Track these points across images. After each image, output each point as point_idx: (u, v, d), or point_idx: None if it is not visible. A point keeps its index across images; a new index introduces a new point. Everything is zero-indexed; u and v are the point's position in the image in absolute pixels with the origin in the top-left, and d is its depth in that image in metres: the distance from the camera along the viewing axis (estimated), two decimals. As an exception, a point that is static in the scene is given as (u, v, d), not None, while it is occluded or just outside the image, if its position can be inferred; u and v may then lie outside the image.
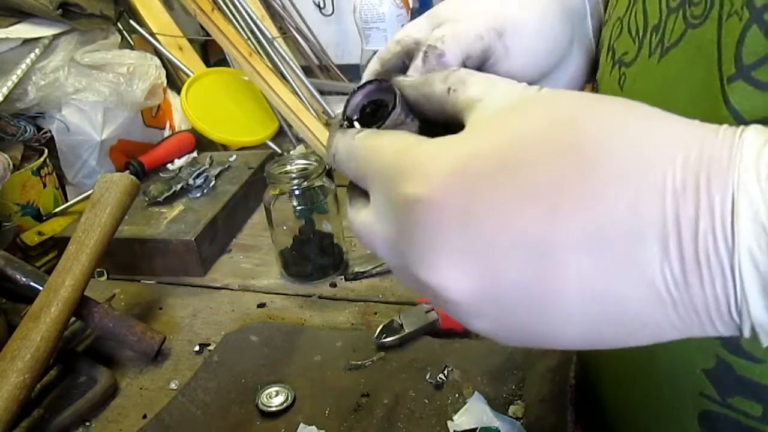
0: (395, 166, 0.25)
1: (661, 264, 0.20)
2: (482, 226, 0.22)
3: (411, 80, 0.29)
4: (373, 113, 0.29)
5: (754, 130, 0.20)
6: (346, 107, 0.30)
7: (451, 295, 0.23)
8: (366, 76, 0.35)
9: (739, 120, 0.26)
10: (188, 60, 1.15)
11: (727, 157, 0.20)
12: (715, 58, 0.27)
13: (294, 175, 0.71)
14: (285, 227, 0.73)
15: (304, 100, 1.14)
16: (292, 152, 1.04)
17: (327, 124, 1.12)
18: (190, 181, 0.87)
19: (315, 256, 0.73)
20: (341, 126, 0.30)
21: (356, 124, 0.30)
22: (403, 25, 0.54)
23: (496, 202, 0.22)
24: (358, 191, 0.29)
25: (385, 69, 0.35)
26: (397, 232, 0.25)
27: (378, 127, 0.28)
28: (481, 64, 0.34)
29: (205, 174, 0.88)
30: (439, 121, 0.28)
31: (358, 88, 0.30)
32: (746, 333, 0.20)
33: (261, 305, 0.70)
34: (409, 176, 0.24)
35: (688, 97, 0.29)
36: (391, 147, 0.26)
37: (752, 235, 0.19)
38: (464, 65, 0.33)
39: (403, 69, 0.35)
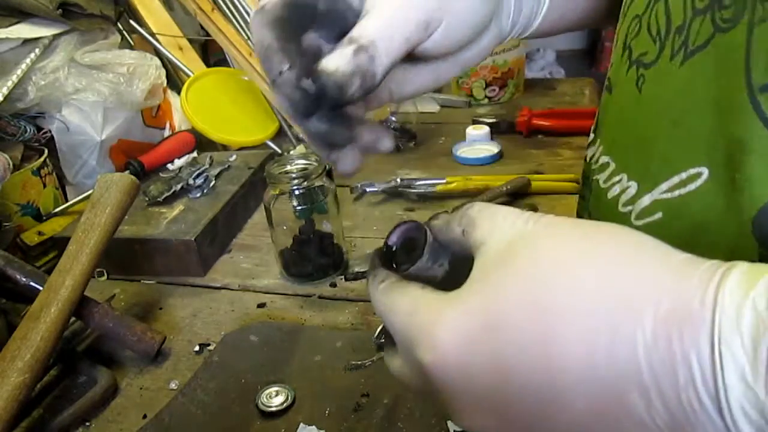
0: (407, 331, 0.28)
1: (648, 411, 0.21)
2: (482, 380, 0.25)
3: (437, 224, 0.32)
4: (409, 250, 0.33)
5: (741, 271, 0.20)
6: (386, 242, 0.33)
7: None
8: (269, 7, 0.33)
9: None
10: (188, 60, 1.15)
11: (699, 309, 0.20)
12: (743, 66, 0.26)
13: (294, 175, 0.71)
14: (285, 227, 0.73)
15: (304, 100, 1.13)
16: (292, 152, 1.04)
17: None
18: (190, 181, 0.87)
19: (315, 256, 0.73)
20: (381, 252, 0.34)
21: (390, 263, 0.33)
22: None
23: (488, 359, 0.24)
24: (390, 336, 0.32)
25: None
26: (423, 385, 0.28)
27: (406, 269, 0.32)
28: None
29: (205, 174, 0.88)
30: (466, 256, 0.31)
31: (397, 226, 0.33)
32: None
33: (261, 305, 0.70)
34: (419, 343, 0.26)
35: (712, 103, 0.28)
36: (403, 309, 0.28)
37: (742, 394, 0.19)
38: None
39: (314, 9, 0.33)
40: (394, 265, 0.33)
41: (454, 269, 0.33)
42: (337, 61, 0.30)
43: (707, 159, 0.29)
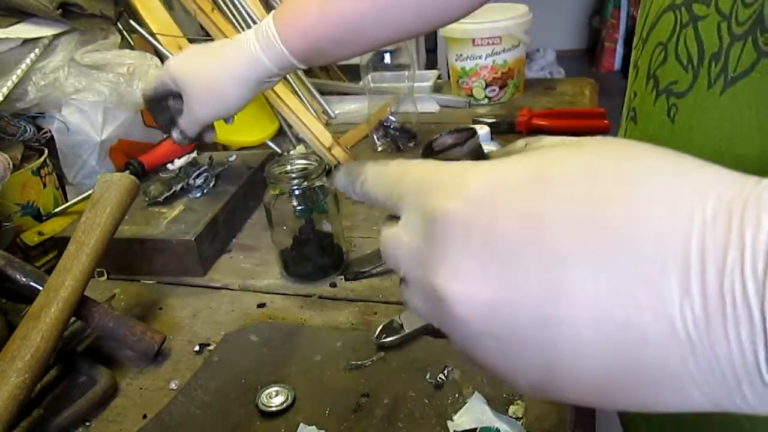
0: (426, 181, 0.25)
1: (680, 299, 0.18)
2: (507, 236, 0.22)
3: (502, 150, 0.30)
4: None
5: None
6: (435, 141, 0.31)
7: (464, 307, 0.23)
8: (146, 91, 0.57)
9: None
10: (188, 60, 1.15)
11: (765, 196, 0.18)
12: None
13: (294, 175, 0.71)
14: (285, 227, 0.73)
15: (304, 100, 1.14)
16: (292, 152, 1.04)
17: (327, 124, 1.12)
18: (190, 181, 0.87)
19: (315, 256, 0.73)
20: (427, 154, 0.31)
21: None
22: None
23: (525, 213, 0.21)
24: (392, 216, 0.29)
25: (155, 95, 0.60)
26: (423, 240, 0.25)
27: (439, 150, 0.29)
28: None
29: (205, 174, 0.88)
30: None
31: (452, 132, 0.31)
32: None
33: (261, 305, 0.70)
34: (441, 190, 0.24)
35: (759, 131, 0.27)
36: (422, 167, 0.26)
37: None
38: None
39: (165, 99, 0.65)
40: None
41: None
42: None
43: None
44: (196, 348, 0.64)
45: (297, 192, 0.70)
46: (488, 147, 0.30)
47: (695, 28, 0.32)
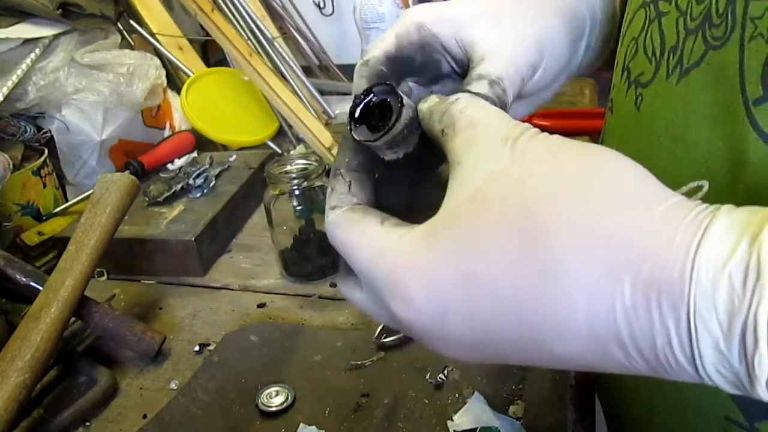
0: (374, 278, 0.27)
1: (628, 360, 0.22)
2: (456, 332, 0.25)
3: (422, 109, 0.30)
4: (381, 115, 0.30)
5: (720, 232, 0.20)
6: (354, 106, 0.30)
7: (463, 361, 0.28)
8: (376, 51, 0.35)
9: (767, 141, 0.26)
10: (188, 60, 1.15)
11: (678, 278, 0.20)
12: (738, 80, 0.27)
13: (294, 175, 0.71)
14: (285, 227, 0.73)
15: (304, 100, 1.14)
16: (292, 152, 1.04)
17: (327, 124, 1.12)
18: (190, 181, 0.87)
19: (315, 256, 0.73)
20: (349, 125, 0.31)
21: (354, 127, 0.30)
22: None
23: (465, 312, 0.24)
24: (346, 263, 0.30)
25: (399, 54, 0.35)
26: (397, 325, 0.28)
27: (377, 139, 0.29)
28: None
29: (205, 174, 0.88)
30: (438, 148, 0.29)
31: (366, 90, 0.30)
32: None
33: (261, 305, 0.70)
34: (390, 295, 0.26)
35: (709, 119, 0.29)
36: (365, 251, 0.28)
37: (716, 360, 0.20)
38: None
39: (412, 62, 0.36)
40: (357, 126, 0.30)
41: (421, 154, 0.30)
42: (477, 90, 0.32)
43: (707, 172, 0.29)
44: (196, 348, 0.64)
45: (297, 192, 0.70)
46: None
47: (659, 23, 0.34)
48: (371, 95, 0.30)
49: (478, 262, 0.24)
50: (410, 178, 0.33)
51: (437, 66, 0.36)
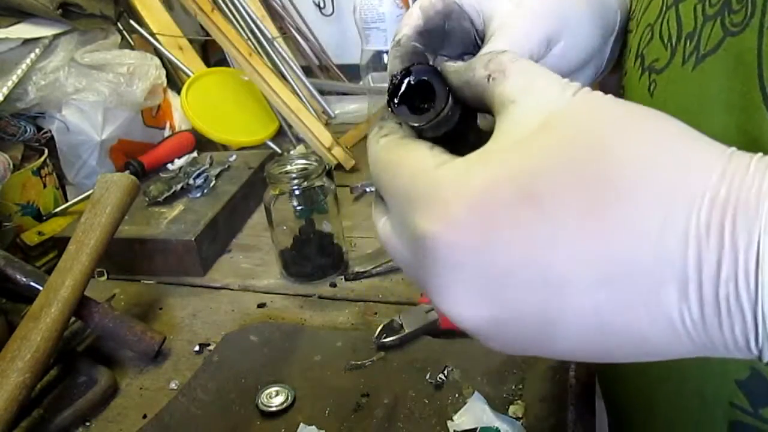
0: (410, 193, 0.24)
1: (679, 305, 0.20)
2: (499, 261, 0.21)
3: (456, 66, 0.28)
4: (421, 95, 0.28)
5: None
6: (392, 87, 0.28)
7: (464, 323, 0.23)
8: (406, 29, 0.35)
9: None
10: (188, 60, 1.16)
11: (755, 199, 0.19)
12: (755, 67, 0.26)
13: (294, 175, 0.71)
14: (285, 227, 0.73)
15: (304, 100, 1.14)
16: (292, 152, 1.04)
17: (327, 124, 1.12)
18: (190, 181, 0.87)
19: (315, 256, 0.73)
20: (388, 105, 0.29)
21: (393, 107, 0.28)
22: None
23: (515, 237, 0.21)
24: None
25: (428, 26, 0.35)
26: (412, 258, 0.24)
27: (426, 123, 0.27)
28: None
29: (205, 174, 0.88)
30: (478, 109, 0.28)
31: (405, 70, 0.28)
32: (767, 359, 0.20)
33: (261, 305, 0.70)
34: (424, 207, 0.23)
35: (725, 106, 0.28)
36: (408, 168, 0.25)
37: None
38: None
39: (442, 33, 0.36)
40: (397, 107, 0.28)
41: (466, 115, 0.29)
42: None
43: None
44: (196, 348, 0.64)
45: (297, 192, 0.70)
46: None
47: (676, 9, 0.33)
48: (410, 75, 0.28)
49: (543, 184, 0.21)
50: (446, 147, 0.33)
51: (467, 35, 0.36)
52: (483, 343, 0.24)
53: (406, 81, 0.28)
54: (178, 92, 1.08)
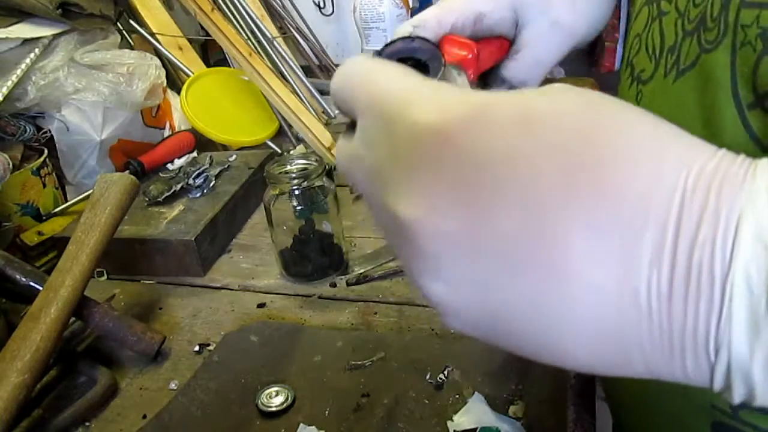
0: (399, 91, 0.23)
1: (649, 268, 0.19)
2: (486, 169, 0.20)
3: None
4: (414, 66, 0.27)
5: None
6: (391, 42, 0.28)
7: (426, 238, 0.21)
8: (433, 19, 0.37)
9: (758, 144, 0.26)
10: (188, 60, 1.15)
11: (743, 173, 0.18)
12: (728, 84, 0.27)
13: (294, 175, 0.71)
14: (285, 227, 0.73)
15: (304, 100, 1.14)
16: (292, 152, 1.04)
17: (327, 124, 1.12)
18: (190, 181, 0.87)
19: (315, 256, 0.73)
20: (377, 53, 0.28)
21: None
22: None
23: (507, 152, 0.20)
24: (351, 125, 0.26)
25: (452, 30, 0.38)
26: (385, 156, 0.22)
27: None
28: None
29: (205, 174, 0.88)
30: None
31: (411, 37, 0.28)
32: (717, 379, 0.19)
33: (261, 305, 0.70)
34: (416, 102, 0.21)
35: (702, 120, 0.29)
36: (395, 75, 0.23)
37: (751, 253, 0.17)
38: None
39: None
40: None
41: None
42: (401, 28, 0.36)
43: None
44: (196, 348, 0.64)
45: (297, 192, 0.70)
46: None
47: (660, 22, 0.34)
48: (413, 42, 0.28)
49: (544, 114, 0.20)
50: None
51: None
52: (440, 284, 0.22)
53: (406, 43, 0.28)
54: (178, 92, 1.08)
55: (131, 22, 1.12)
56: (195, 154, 0.97)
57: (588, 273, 0.19)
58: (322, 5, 1.41)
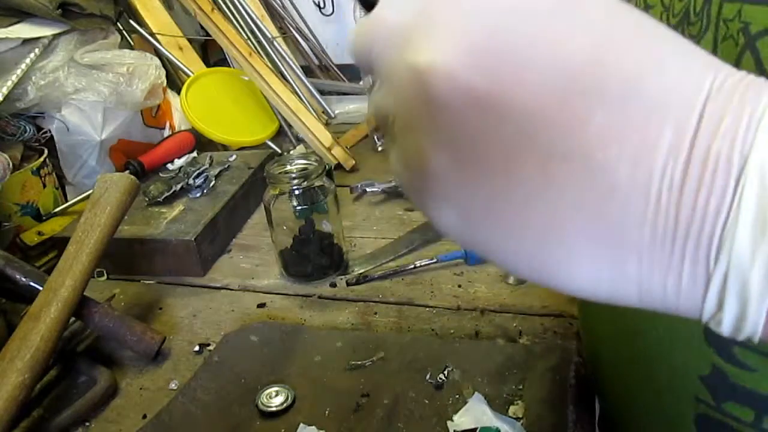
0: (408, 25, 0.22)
1: (667, 155, 0.18)
2: (517, 32, 0.20)
3: None
4: None
5: None
6: None
7: (443, 80, 0.20)
8: None
9: None
10: (188, 60, 1.16)
11: (755, 79, 0.18)
12: None
13: (294, 175, 0.71)
14: (285, 227, 0.73)
15: (304, 100, 1.14)
16: (292, 152, 1.04)
17: (327, 124, 1.12)
18: (190, 181, 0.87)
19: (315, 256, 0.73)
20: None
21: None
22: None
23: (542, 29, 0.19)
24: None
25: None
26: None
27: None
28: None
29: (205, 174, 0.88)
30: None
31: None
32: (711, 296, 0.18)
33: (261, 305, 0.70)
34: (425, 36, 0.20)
35: None
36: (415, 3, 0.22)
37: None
38: None
39: None
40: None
41: None
42: None
43: None
44: (196, 348, 0.64)
45: (297, 192, 0.70)
46: None
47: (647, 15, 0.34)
48: None
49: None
50: None
51: None
52: (439, 148, 0.21)
53: None
54: (178, 92, 1.08)
55: (131, 22, 1.12)
56: (195, 154, 0.97)
57: (604, 150, 0.19)
58: (322, 5, 1.41)
